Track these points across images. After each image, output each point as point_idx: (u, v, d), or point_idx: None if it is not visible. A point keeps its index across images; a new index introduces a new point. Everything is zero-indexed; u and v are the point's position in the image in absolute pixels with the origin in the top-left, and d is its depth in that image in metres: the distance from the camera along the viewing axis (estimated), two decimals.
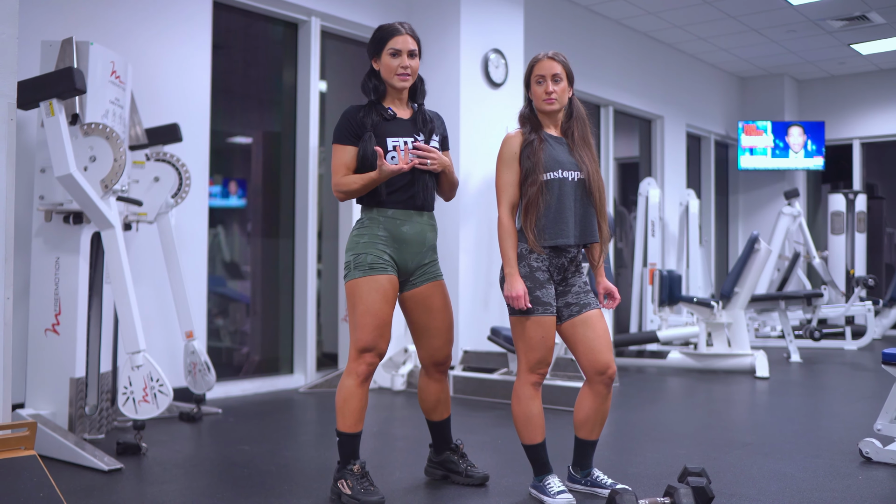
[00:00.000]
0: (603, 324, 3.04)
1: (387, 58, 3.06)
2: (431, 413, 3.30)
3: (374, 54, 3.12)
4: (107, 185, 3.80)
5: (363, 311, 2.99)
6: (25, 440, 2.58)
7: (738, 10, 8.51)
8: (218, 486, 3.29)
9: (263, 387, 5.74)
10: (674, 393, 5.87)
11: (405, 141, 3.06)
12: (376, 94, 3.12)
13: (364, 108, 3.10)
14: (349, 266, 3.04)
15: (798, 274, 9.96)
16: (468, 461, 3.31)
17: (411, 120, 3.14)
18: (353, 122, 3.06)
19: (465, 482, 3.25)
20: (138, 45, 4.90)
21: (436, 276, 3.17)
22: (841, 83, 11.50)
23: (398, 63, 3.05)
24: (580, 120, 3.10)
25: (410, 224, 3.08)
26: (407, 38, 3.07)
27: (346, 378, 3.03)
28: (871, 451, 3.63)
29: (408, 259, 3.09)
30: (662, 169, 9.85)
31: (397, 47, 3.05)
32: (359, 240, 3.06)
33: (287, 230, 6.10)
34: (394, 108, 3.13)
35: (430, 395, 3.27)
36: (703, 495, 2.89)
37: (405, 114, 3.15)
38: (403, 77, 3.08)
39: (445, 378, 3.29)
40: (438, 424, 3.31)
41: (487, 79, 6.41)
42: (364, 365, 3.01)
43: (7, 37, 2.67)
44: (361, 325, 3.00)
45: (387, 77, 3.09)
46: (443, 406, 3.29)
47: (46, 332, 3.93)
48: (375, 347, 3.01)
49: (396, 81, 3.08)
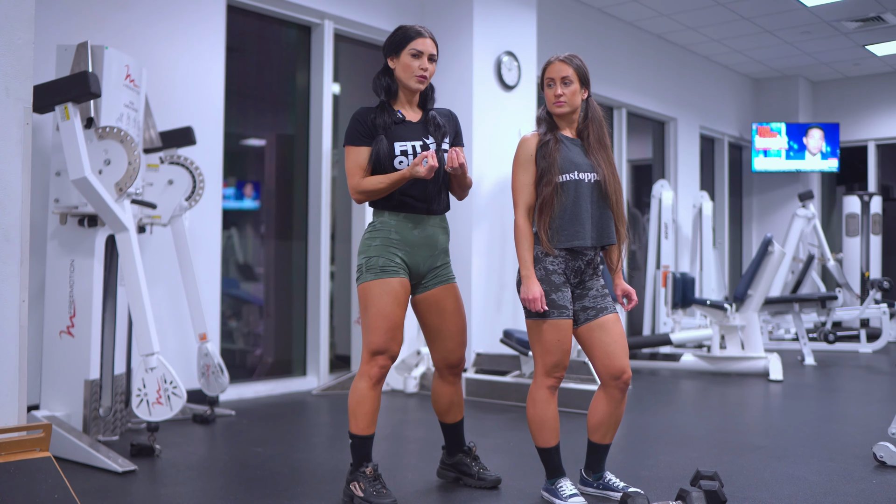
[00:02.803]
0: (619, 328, 3.04)
1: (407, 57, 3.06)
2: (445, 415, 3.30)
3: (392, 53, 3.10)
4: (121, 188, 3.82)
5: (375, 313, 3.00)
6: (40, 442, 2.60)
7: (752, 11, 8.48)
8: (231, 487, 3.31)
9: (276, 389, 5.76)
10: (686, 396, 5.84)
11: (413, 145, 3.05)
12: (388, 93, 3.12)
13: (375, 109, 3.10)
14: (361, 269, 3.05)
15: (812, 276, 9.91)
16: (480, 464, 3.31)
17: (421, 123, 3.13)
18: (364, 123, 3.06)
19: (477, 485, 3.25)
20: (152, 48, 4.93)
21: (448, 278, 3.17)
22: (856, 84, 11.44)
23: (418, 64, 3.05)
24: (596, 122, 3.09)
25: (422, 227, 3.08)
26: (429, 42, 3.08)
27: (359, 381, 3.04)
28: (886, 455, 3.60)
29: (420, 262, 3.09)
30: (676, 171, 9.82)
31: (420, 49, 3.05)
32: (371, 243, 3.06)
33: (300, 232, 6.12)
34: (403, 111, 3.13)
35: (444, 398, 3.27)
36: (716, 499, 2.88)
37: (414, 117, 3.14)
38: (421, 79, 3.08)
39: (459, 380, 3.29)
40: (452, 427, 3.31)
41: (500, 81, 6.41)
42: (377, 367, 3.02)
43: (23, 41, 2.69)
44: (374, 328, 3.00)
45: (403, 77, 3.08)
46: (456, 408, 3.29)
47: (61, 335, 3.96)
48: (388, 350, 3.02)
49: (413, 82, 3.08)
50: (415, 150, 3.05)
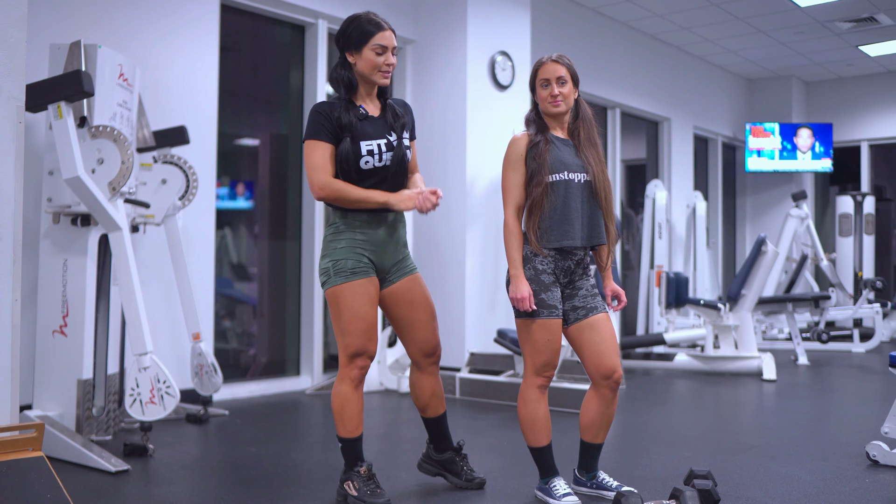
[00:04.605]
0: (609, 327, 3.04)
1: (370, 53, 2.98)
2: (426, 409, 3.24)
3: (352, 48, 3.01)
4: (114, 187, 3.81)
5: (350, 317, 2.96)
6: (33, 441, 2.59)
7: (746, 12, 8.50)
8: (224, 487, 3.30)
9: (270, 389, 5.75)
10: (680, 395, 5.85)
11: (378, 144, 2.99)
12: (349, 89, 3.04)
13: (336, 105, 3.01)
14: (328, 272, 2.99)
15: (805, 276, 9.93)
16: (468, 464, 3.28)
17: (381, 118, 3.08)
18: (329, 119, 2.97)
19: (463, 485, 3.22)
20: (146, 47, 4.92)
21: (411, 269, 3.15)
22: (849, 85, 11.47)
23: (383, 60, 3.00)
24: (586, 121, 3.10)
25: (386, 226, 3.05)
26: (390, 34, 3.01)
27: (340, 384, 3.01)
28: (879, 455, 3.62)
29: (385, 259, 3.06)
30: (669, 171, 9.83)
31: (384, 44, 2.98)
32: (336, 245, 3.00)
33: (294, 232, 6.11)
34: (364, 105, 3.07)
35: (425, 391, 3.21)
36: (709, 498, 2.89)
37: (375, 111, 3.09)
38: (386, 74, 3.04)
39: (437, 371, 3.24)
40: (435, 421, 3.26)
41: (494, 81, 6.41)
42: (356, 369, 3.00)
43: (16, 40, 2.68)
44: (350, 331, 2.96)
45: (366, 72, 3.00)
46: (437, 401, 3.23)
47: (54, 334, 3.95)
48: (366, 351, 3.00)
49: (379, 78, 3.02)
50: (380, 149, 2.99)
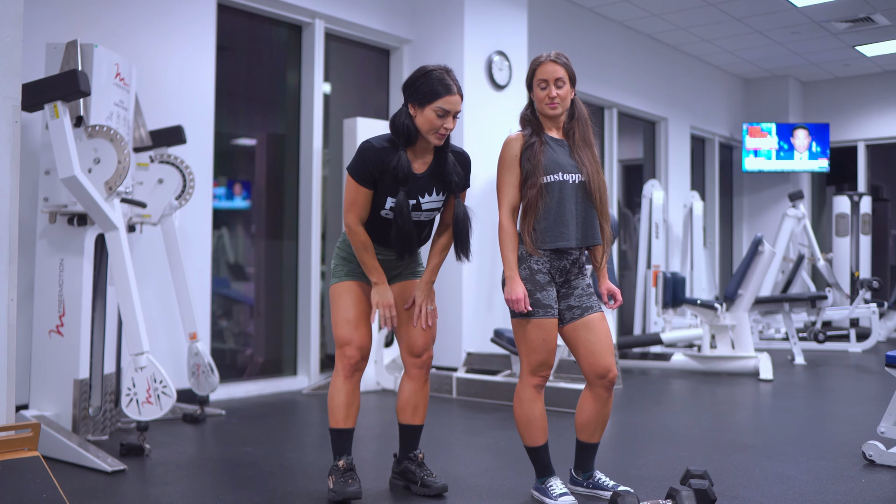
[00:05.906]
0: (605, 327, 3.04)
1: (431, 113, 2.91)
2: (403, 412, 3.19)
3: (417, 102, 2.95)
4: (111, 186, 3.81)
5: (336, 310, 3.11)
6: (29, 441, 2.59)
7: (743, 12, 8.51)
8: (221, 487, 3.30)
9: (267, 388, 5.75)
10: (677, 395, 5.86)
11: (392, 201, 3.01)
12: (407, 141, 2.99)
13: (390, 156, 2.96)
14: (332, 272, 3.19)
15: (802, 276, 9.94)
16: (426, 470, 3.18)
17: (426, 176, 3.03)
18: (376, 167, 2.95)
19: (421, 492, 3.12)
20: (142, 47, 4.91)
21: (414, 273, 3.23)
22: (846, 85, 11.48)
23: (442, 123, 2.93)
24: (582, 121, 3.08)
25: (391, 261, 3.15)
26: (457, 99, 2.94)
27: (334, 377, 3.13)
28: (875, 454, 3.62)
29: (388, 267, 3.17)
30: (666, 171, 9.84)
31: (448, 108, 2.92)
32: (341, 254, 3.17)
33: (291, 232, 6.11)
34: (415, 160, 3.03)
35: (402, 394, 3.19)
36: (706, 497, 2.89)
37: (421, 167, 3.04)
38: (441, 137, 2.97)
39: (423, 378, 3.20)
40: (410, 429, 3.20)
41: (491, 81, 6.42)
42: (345, 359, 3.07)
43: (12, 39, 2.68)
44: (336, 322, 3.11)
45: (423, 129, 2.95)
46: (413, 410, 3.19)
47: (50, 334, 3.94)
48: (352, 340, 3.07)
49: (433, 138, 2.96)
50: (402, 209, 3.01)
